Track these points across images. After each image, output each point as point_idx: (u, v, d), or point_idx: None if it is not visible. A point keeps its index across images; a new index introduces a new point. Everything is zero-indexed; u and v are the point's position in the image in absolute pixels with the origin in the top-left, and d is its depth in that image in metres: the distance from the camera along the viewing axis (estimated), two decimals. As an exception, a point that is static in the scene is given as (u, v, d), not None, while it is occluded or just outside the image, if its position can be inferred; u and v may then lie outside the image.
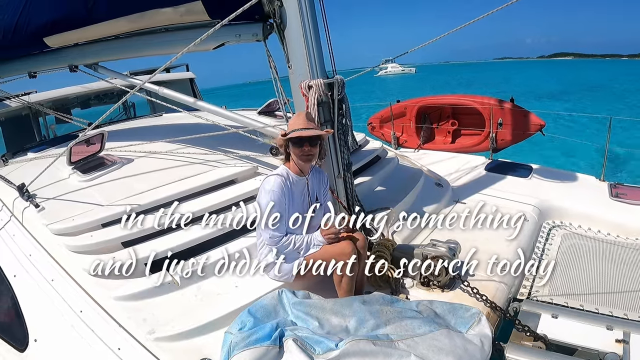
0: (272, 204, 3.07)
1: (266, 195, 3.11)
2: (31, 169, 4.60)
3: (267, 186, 3.15)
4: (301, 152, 3.15)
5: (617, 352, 2.81)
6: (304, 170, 3.28)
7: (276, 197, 3.10)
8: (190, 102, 4.55)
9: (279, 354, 2.36)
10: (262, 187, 3.19)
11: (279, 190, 3.11)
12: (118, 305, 2.94)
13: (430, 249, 3.48)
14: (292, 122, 3.26)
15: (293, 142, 3.15)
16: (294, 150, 3.18)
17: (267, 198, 3.10)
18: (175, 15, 3.78)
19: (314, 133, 3.15)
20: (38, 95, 7.05)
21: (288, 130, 3.19)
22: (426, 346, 2.49)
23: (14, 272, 3.39)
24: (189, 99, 4.56)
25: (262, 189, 3.19)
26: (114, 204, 3.63)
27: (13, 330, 3.18)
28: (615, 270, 3.89)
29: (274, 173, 3.23)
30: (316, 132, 3.17)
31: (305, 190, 3.35)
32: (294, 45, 3.50)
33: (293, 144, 3.16)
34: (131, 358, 2.63)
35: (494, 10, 3.67)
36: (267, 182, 3.19)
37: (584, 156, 13.75)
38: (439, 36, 4.04)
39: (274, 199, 3.09)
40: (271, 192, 3.10)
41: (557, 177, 5.71)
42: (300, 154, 3.16)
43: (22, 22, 4.41)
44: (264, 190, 3.16)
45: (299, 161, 3.21)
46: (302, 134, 3.11)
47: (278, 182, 3.13)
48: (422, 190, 4.99)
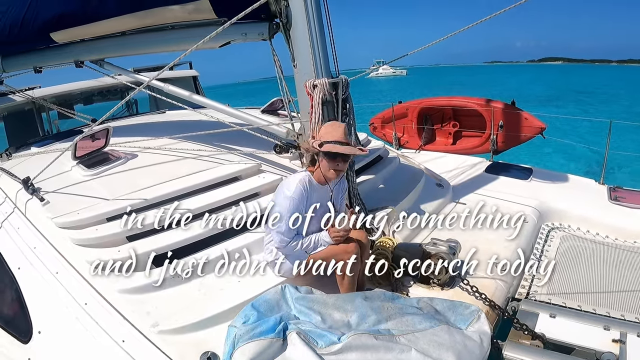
0: (293, 212, 3.03)
1: (286, 200, 3.05)
2: (35, 163, 4.63)
3: (287, 191, 3.08)
4: (332, 166, 3.08)
5: (613, 351, 2.84)
6: (328, 180, 3.21)
7: (295, 204, 3.04)
8: (194, 99, 4.58)
9: (283, 347, 2.39)
10: (282, 190, 3.14)
11: (298, 197, 3.05)
12: (122, 298, 2.96)
13: (431, 248, 3.51)
14: (327, 131, 3.14)
15: (325, 154, 3.07)
16: (324, 161, 3.10)
17: (287, 204, 3.04)
18: (183, 13, 3.81)
19: (352, 152, 3.10)
20: (42, 91, 7.05)
21: (323, 139, 3.09)
22: (426, 341, 2.53)
23: (19, 264, 3.41)
24: (194, 96, 4.59)
25: (282, 191, 3.14)
26: (118, 199, 3.66)
27: (17, 322, 3.20)
28: (613, 272, 3.92)
29: (296, 178, 3.15)
30: (354, 152, 3.11)
31: (329, 199, 3.32)
32: (299, 44, 3.54)
33: (325, 156, 3.08)
34: (135, 350, 2.65)
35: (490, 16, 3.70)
36: (287, 185, 3.13)
37: (583, 159, 13.81)
38: (435, 41, 4.03)
39: (294, 207, 3.04)
40: (292, 200, 3.04)
41: (557, 179, 5.75)
42: (331, 168, 3.09)
43: (29, 16, 4.43)
44: (283, 195, 3.09)
45: (326, 173, 3.13)
46: (338, 150, 3.04)
47: (299, 190, 3.06)
48: (423, 190, 5.02)
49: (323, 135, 3.12)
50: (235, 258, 3.37)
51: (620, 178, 10.78)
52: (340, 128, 3.15)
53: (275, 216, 3.07)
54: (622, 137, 14.07)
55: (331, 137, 3.06)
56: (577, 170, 11.30)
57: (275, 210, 3.08)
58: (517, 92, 44.22)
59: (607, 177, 5.69)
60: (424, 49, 4.17)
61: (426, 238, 4.08)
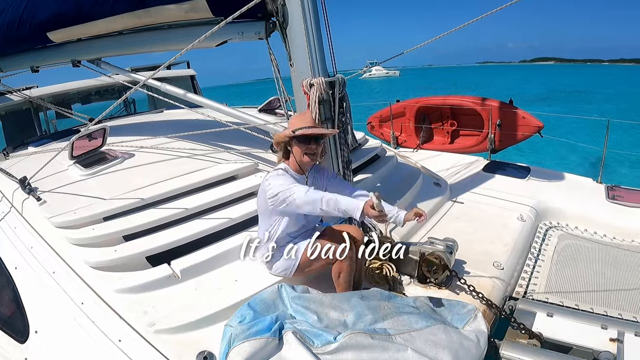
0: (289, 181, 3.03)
1: (278, 179, 3.06)
2: (32, 162, 4.63)
3: (273, 179, 3.08)
4: (306, 149, 3.12)
5: (611, 350, 2.84)
6: (303, 168, 3.25)
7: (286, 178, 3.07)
8: (191, 98, 4.57)
9: (279, 346, 2.39)
10: (271, 179, 3.09)
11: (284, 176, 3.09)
12: (119, 297, 2.96)
13: (428, 247, 3.50)
14: (295, 120, 3.23)
15: (299, 140, 3.12)
16: (297, 148, 3.14)
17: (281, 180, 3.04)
18: (179, 12, 3.82)
19: (321, 131, 3.17)
20: (39, 90, 7.05)
21: (291, 129, 3.15)
22: (423, 341, 2.53)
23: (15, 264, 3.41)
24: (191, 95, 4.59)
25: (270, 180, 3.09)
26: (115, 198, 3.66)
27: (14, 322, 3.19)
28: (611, 271, 3.93)
29: (276, 169, 3.19)
30: (323, 131, 3.20)
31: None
32: (296, 43, 3.53)
33: (298, 142, 3.12)
34: (132, 350, 2.64)
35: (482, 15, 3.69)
36: (272, 177, 3.12)
37: (581, 158, 13.83)
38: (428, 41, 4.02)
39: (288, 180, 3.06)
40: (282, 177, 3.07)
41: (555, 178, 5.75)
42: (305, 151, 3.12)
43: (26, 16, 4.43)
44: (273, 180, 3.07)
45: (301, 159, 3.16)
46: (310, 132, 3.09)
47: (282, 174, 3.11)
48: (420, 189, 5.02)
49: (293, 124, 3.19)
50: (232, 257, 3.37)
51: (618, 177, 10.80)
52: (307, 114, 3.30)
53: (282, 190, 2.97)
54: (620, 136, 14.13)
55: (302, 124, 3.13)
56: (575, 169, 11.31)
57: (278, 188, 3.00)
58: (510, 91, 44.24)
59: (605, 176, 5.69)
60: (417, 48, 4.16)
61: (424, 237, 4.09)
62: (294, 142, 3.16)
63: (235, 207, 3.76)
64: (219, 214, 3.62)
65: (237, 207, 3.75)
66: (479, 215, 4.70)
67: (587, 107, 32.48)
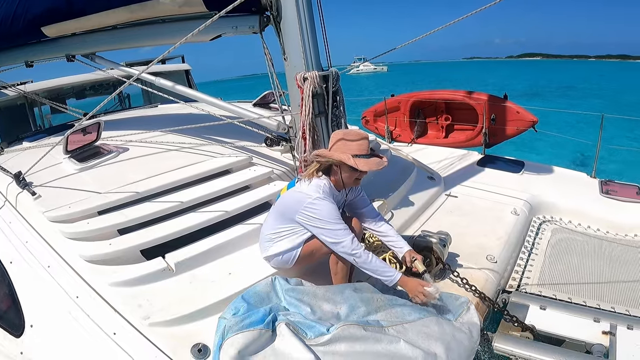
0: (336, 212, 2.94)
1: (327, 205, 2.92)
2: (27, 157, 4.62)
3: (323, 204, 2.92)
4: (359, 175, 3.04)
5: (603, 343, 2.87)
6: (346, 187, 3.16)
7: (330, 201, 2.95)
8: (186, 92, 4.57)
9: (272, 338, 2.40)
10: (319, 202, 2.92)
11: (328, 195, 2.98)
12: (113, 291, 2.95)
13: (421, 240, 3.52)
14: (353, 146, 2.97)
15: (351, 167, 2.96)
16: (346, 172, 3.00)
17: (330, 208, 2.92)
18: (173, 6, 3.82)
19: (379, 167, 3.00)
20: (34, 85, 7.02)
21: (347, 151, 2.95)
22: (415, 332, 2.55)
23: (10, 258, 3.40)
24: (185, 89, 4.58)
25: (319, 203, 2.91)
26: (110, 192, 3.66)
27: (9, 316, 3.19)
28: (603, 265, 3.96)
29: (318, 185, 3.00)
30: (383, 164, 3.02)
31: (343, 204, 3.31)
32: (290, 37, 3.54)
33: (352, 168, 2.96)
34: (126, 343, 2.65)
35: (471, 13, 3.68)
36: (320, 198, 2.93)
37: (575, 153, 13.86)
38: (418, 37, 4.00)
39: (332, 204, 2.94)
40: (330, 201, 2.94)
41: (548, 173, 5.78)
42: (357, 177, 3.04)
43: (20, 11, 4.42)
44: (322, 204, 2.91)
45: (349, 182, 3.06)
46: (375, 169, 2.97)
47: (329, 197, 2.97)
48: (414, 183, 5.04)
49: (350, 148, 2.97)
50: (227, 250, 3.38)
51: (611, 171, 10.83)
52: (365, 141, 3.02)
53: (321, 219, 2.90)
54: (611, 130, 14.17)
55: (360, 151, 2.96)
56: (569, 163, 11.34)
57: (321, 217, 2.90)
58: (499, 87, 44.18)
59: (599, 171, 5.72)
60: (407, 44, 4.12)
61: (417, 230, 4.11)
62: (347, 166, 2.99)
63: (230, 200, 3.76)
64: (213, 207, 3.62)
65: (232, 201, 3.75)
66: (472, 208, 4.72)
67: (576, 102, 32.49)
